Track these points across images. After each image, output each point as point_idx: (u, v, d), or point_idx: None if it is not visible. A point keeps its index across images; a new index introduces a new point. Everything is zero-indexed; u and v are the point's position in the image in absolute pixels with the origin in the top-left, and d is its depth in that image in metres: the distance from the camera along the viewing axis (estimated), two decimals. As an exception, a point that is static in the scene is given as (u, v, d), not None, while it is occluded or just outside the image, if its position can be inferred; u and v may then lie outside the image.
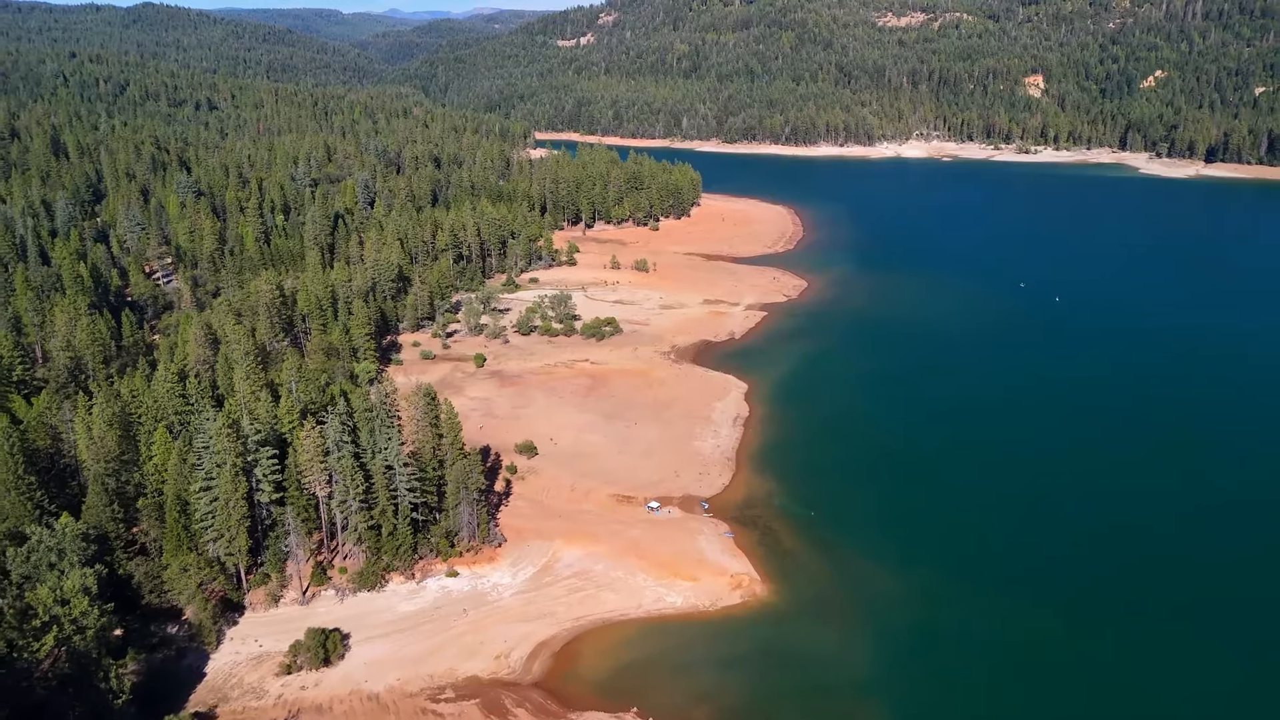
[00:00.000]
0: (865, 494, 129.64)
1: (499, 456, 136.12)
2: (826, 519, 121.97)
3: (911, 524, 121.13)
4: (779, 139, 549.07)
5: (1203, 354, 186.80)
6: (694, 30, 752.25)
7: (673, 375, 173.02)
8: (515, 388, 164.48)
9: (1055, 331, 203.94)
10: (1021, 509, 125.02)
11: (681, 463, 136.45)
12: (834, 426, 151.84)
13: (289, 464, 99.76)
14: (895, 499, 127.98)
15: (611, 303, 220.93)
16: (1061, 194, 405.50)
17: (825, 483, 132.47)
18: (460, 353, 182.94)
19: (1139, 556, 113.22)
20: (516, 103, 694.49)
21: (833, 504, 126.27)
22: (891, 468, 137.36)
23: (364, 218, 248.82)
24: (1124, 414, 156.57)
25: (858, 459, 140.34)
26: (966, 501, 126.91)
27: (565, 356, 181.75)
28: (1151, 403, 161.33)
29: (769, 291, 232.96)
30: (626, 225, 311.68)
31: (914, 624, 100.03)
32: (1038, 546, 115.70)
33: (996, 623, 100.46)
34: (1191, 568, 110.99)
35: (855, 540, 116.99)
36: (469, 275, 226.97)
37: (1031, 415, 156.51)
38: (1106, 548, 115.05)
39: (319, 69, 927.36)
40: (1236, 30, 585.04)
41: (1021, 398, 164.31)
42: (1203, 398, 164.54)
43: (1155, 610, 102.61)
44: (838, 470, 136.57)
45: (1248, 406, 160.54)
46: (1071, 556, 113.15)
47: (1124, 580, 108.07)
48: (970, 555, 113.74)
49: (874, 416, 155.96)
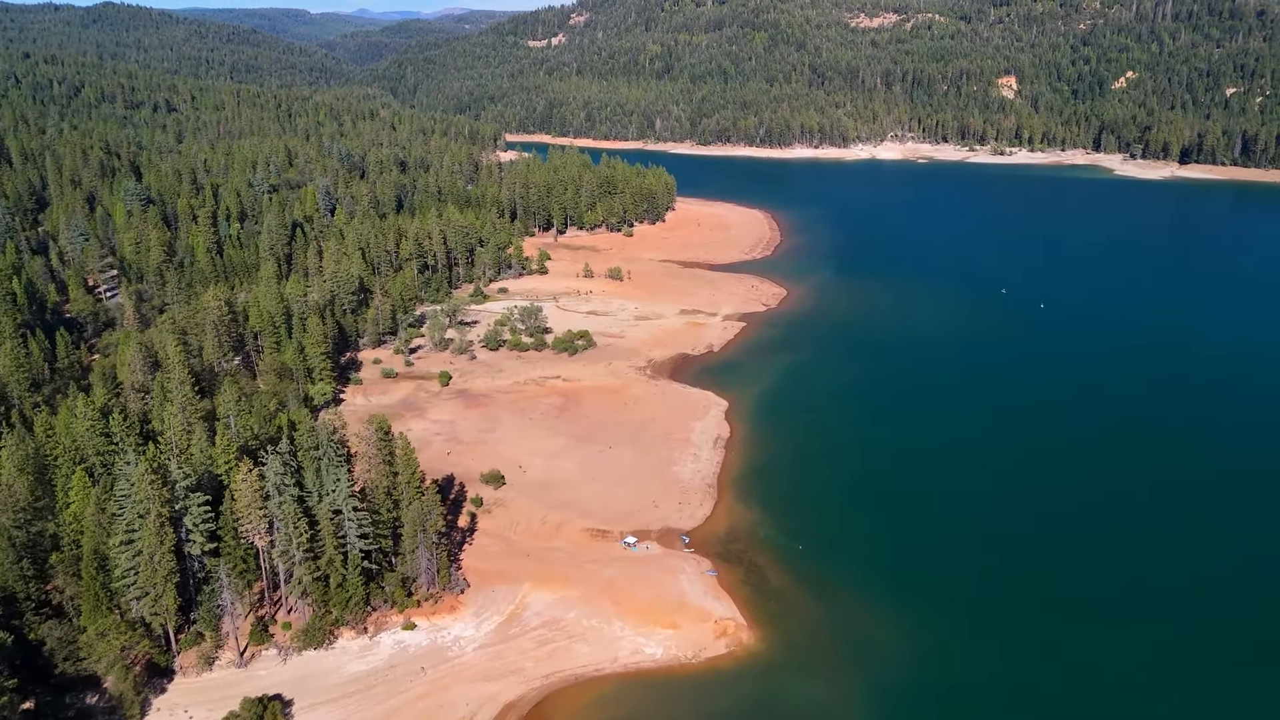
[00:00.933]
0: (854, 521, 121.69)
1: (463, 487, 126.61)
2: (815, 551, 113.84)
3: (904, 555, 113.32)
4: (753, 141, 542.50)
5: (1200, 364, 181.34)
6: (666, 31, 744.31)
7: (649, 392, 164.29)
8: (482, 409, 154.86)
9: (1042, 341, 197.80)
10: (1020, 535, 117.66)
11: (660, 490, 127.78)
12: (819, 446, 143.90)
13: (225, 510, 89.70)
14: (886, 526, 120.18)
15: (584, 314, 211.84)
16: (1038, 196, 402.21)
17: (812, 510, 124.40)
18: (424, 370, 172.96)
19: (1155, 593, 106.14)
20: (487, 104, 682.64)
21: (821, 534, 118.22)
22: (880, 491, 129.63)
23: (324, 226, 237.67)
24: (1120, 426, 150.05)
25: (845, 482, 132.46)
26: (960, 528, 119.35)
27: (535, 373, 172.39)
28: (1151, 414, 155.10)
29: (747, 300, 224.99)
30: (600, 231, 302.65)
31: (911, 674, 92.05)
32: (1039, 578, 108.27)
33: (1000, 670, 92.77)
34: (1216, 619, 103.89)
35: (846, 575, 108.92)
36: (434, 286, 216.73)
37: (1023, 431, 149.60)
38: (1120, 582, 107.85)
39: (284, 70, 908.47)
40: (1206, 31, 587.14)
41: (1011, 413, 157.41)
42: (1208, 415, 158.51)
43: (1179, 660, 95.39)
44: (824, 495, 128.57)
45: (1255, 423, 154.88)
46: (1078, 593, 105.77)
47: (1142, 622, 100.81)
48: (968, 591, 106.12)
49: (860, 434, 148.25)
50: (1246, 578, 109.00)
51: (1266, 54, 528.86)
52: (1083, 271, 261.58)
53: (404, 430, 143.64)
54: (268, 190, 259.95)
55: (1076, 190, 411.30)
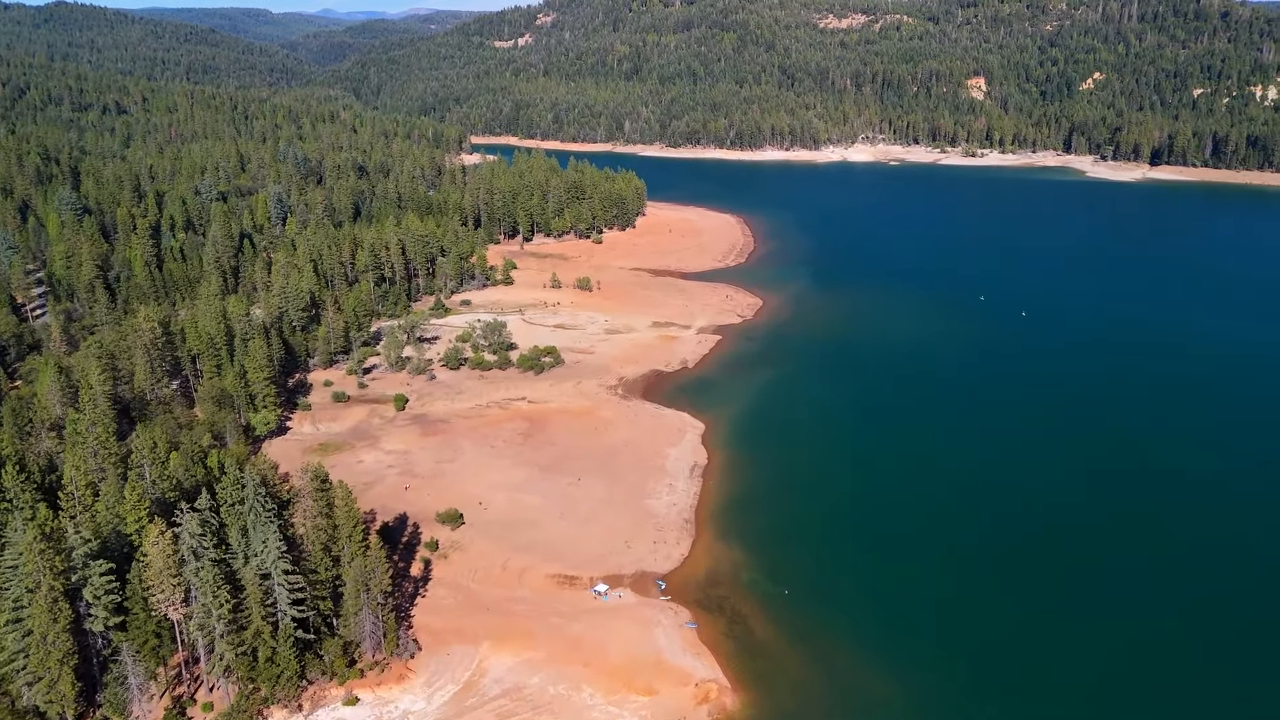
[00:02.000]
0: (844, 559, 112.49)
1: (417, 529, 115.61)
2: (802, 596, 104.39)
3: (899, 598, 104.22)
4: (724, 143, 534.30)
5: (1195, 370, 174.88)
6: (634, 31, 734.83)
7: (621, 414, 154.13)
8: (440, 436, 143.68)
9: (1028, 353, 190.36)
10: (1023, 573, 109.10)
11: (633, 527, 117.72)
12: (802, 473, 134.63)
13: (133, 577, 78.23)
14: (877, 564, 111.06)
15: (552, 327, 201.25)
16: (1011, 199, 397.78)
17: (797, 546, 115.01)
18: (379, 393, 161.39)
19: (1178, 648, 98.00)
20: (452, 106, 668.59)
21: (808, 575, 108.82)
22: (868, 523, 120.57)
23: (274, 236, 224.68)
24: (1120, 445, 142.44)
25: (831, 513, 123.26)
26: (957, 562, 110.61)
27: (499, 395, 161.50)
28: (1152, 431, 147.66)
29: (722, 311, 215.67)
30: (568, 238, 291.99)
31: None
32: (1047, 626, 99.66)
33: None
34: (1240, 678, 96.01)
35: (837, 625, 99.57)
36: (392, 300, 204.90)
37: (1015, 454, 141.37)
38: (1140, 638, 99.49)
39: (243, 70, 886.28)
40: (1171, 33, 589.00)
41: (1001, 433, 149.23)
42: (1211, 428, 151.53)
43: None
44: (810, 529, 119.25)
45: (1251, 438, 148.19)
46: (1093, 649, 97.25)
47: (1164, 679, 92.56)
48: (967, 637, 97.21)
49: (845, 460, 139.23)
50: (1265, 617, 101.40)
51: (1232, 55, 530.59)
52: (1061, 277, 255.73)
53: (356, 462, 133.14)
54: (216, 198, 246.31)
55: (1049, 193, 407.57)
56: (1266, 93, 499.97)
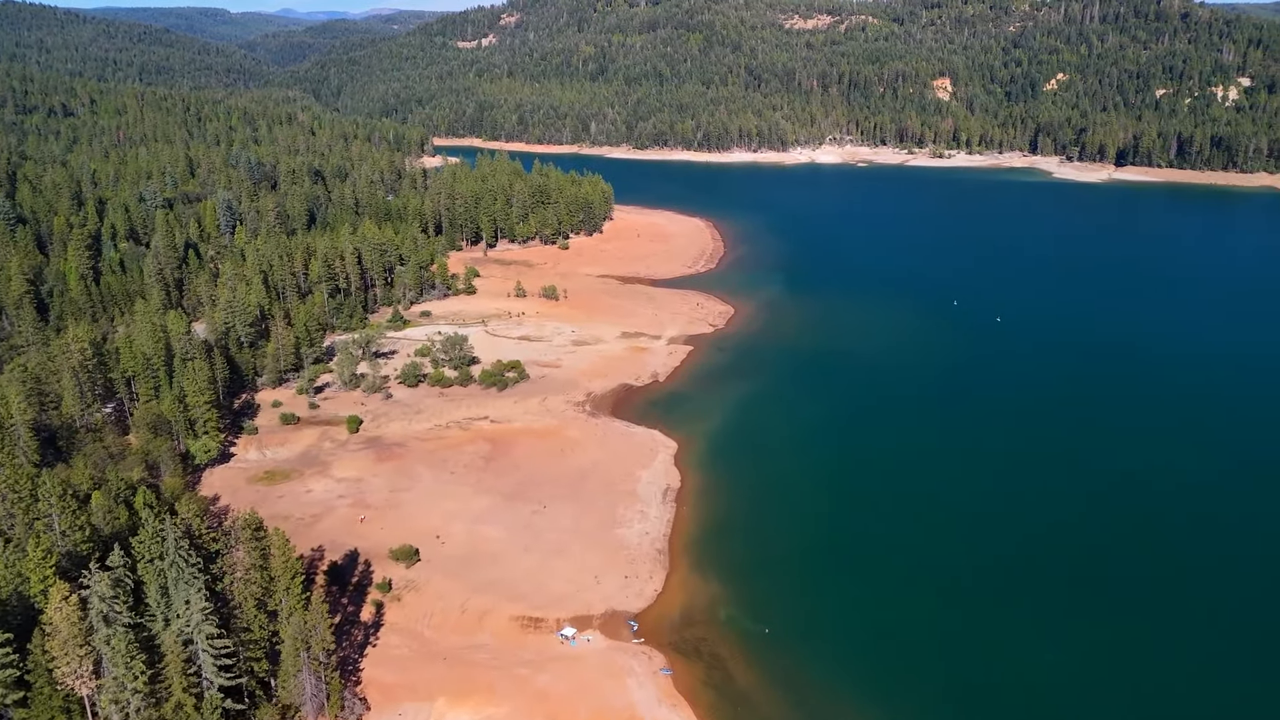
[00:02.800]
0: (826, 591, 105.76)
1: (369, 567, 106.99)
2: (785, 635, 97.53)
3: (885, 633, 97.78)
4: (691, 145, 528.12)
5: (1183, 373, 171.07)
6: (599, 32, 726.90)
7: (589, 433, 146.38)
8: (396, 461, 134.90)
9: (1006, 361, 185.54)
10: (1017, 601, 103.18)
11: (603, 560, 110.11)
12: (780, 496, 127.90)
13: (35, 647, 69.11)
14: (862, 596, 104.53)
15: (516, 339, 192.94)
16: (979, 200, 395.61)
17: (777, 578, 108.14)
18: (331, 413, 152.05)
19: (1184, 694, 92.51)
20: (414, 107, 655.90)
21: (790, 610, 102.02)
22: (851, 550, 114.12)
23: (222, 246, 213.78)
24: (1111, 460, 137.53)
25: (811, 540, 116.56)
26: (945, 592, 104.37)
27: (459, 414, 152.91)
28: (1141, 442, 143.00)
29: (693, 320, 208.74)
30: (533, 244, 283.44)
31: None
32: (1043, 657, 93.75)
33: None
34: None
35: (822, 666, 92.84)
36: (347, 312, 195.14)
37: (1000, 471, 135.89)
38: (1141, 664, 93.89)
39: (199, 71, 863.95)
40: (1132, 33, 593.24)
41: (986, 449, 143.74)
42: (1192, 434, 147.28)
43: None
44: (790, 558, 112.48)
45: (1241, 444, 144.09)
46: (1089, 681, 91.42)
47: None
48: (963, 680, 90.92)
49: (824, 480, 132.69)
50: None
51: (1193, 55, 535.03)
52: (1032, 280, 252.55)
53: (304, 492, 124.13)
54: (161, 205, 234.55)
55: (1017, 194, 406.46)
56: (1228, 93, 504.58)
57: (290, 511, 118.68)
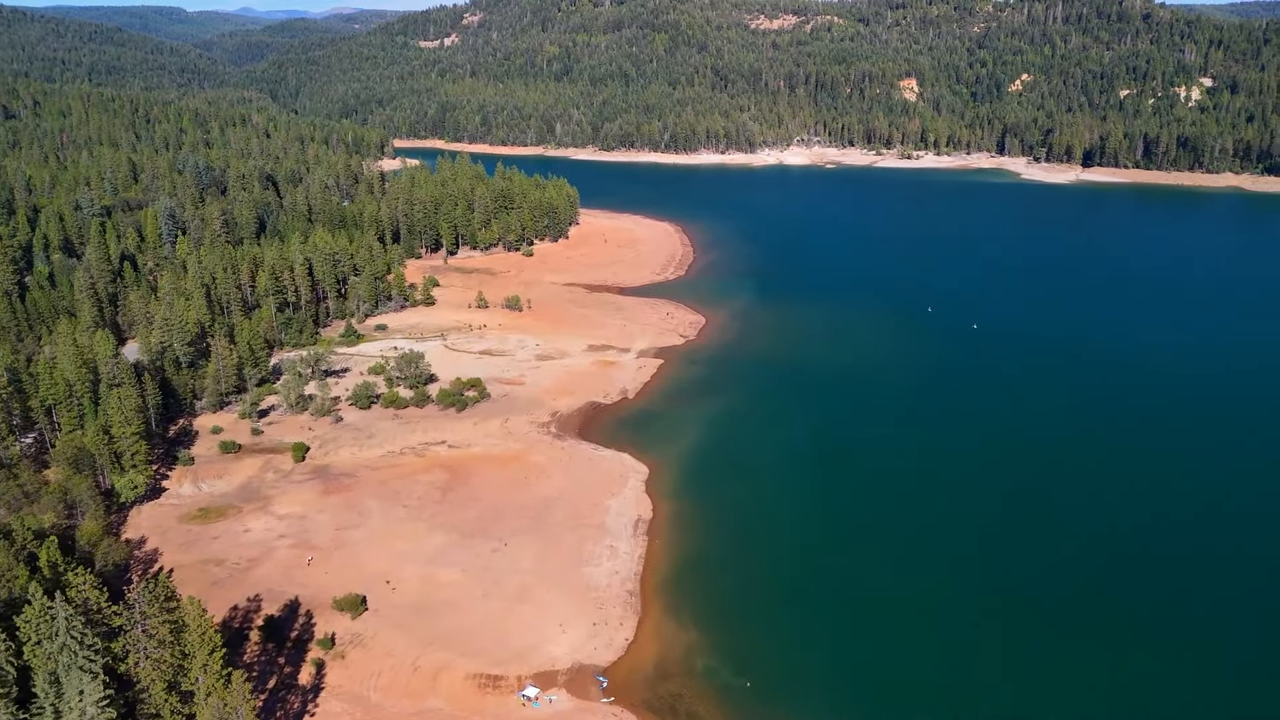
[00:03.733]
0: (814, 637, 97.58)
1: (310, 620, 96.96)
2: (768, 687, 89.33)
3: (878, 683, 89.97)
4: (658, 146, 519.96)
5: (1169, 383, 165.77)
6: (564, 31, 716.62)
7: (555, 459, 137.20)
8: (344, 494, 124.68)
9: (985, 371, 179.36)
10: (1024, 643, 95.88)
11: (569, 605, 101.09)
12: (758, 526, 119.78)
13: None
14: (850, 640, 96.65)
15: (477, 354, 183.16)
16: (949, 202, 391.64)
17: (759, 623, 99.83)
18: (275, 440, 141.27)
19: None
20: (375, 108, 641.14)
21: (772, 659, 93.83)
22: (837, 587, 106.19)
23: (162, 257, 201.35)
24: (1102, 476, 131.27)
25: (794, 577, 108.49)
26: (942, 637, 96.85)
27: (415, 438, 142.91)
28: (1135, 458, 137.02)
29: (663, 331, 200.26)
30: (496, 251, 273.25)
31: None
32: (1055, 707, 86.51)
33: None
34: None
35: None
36: (296, 327, 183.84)
37: (994, 489, 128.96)
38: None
39: (152, 71, 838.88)
40: (1095, 34, 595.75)
41: (974, 467, 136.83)
42: (1184, 445, 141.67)
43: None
44: (771, 598, 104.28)
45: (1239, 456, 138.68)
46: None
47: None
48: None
49: (804, 507, 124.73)
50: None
51: (1156, 56, 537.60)
52: (1004, 284, 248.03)
53: (241, 531, 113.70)
54: (99, 213, 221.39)
55: (986, 195, 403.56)
56: (1190, 93, 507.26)
57: (225, 555, 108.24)
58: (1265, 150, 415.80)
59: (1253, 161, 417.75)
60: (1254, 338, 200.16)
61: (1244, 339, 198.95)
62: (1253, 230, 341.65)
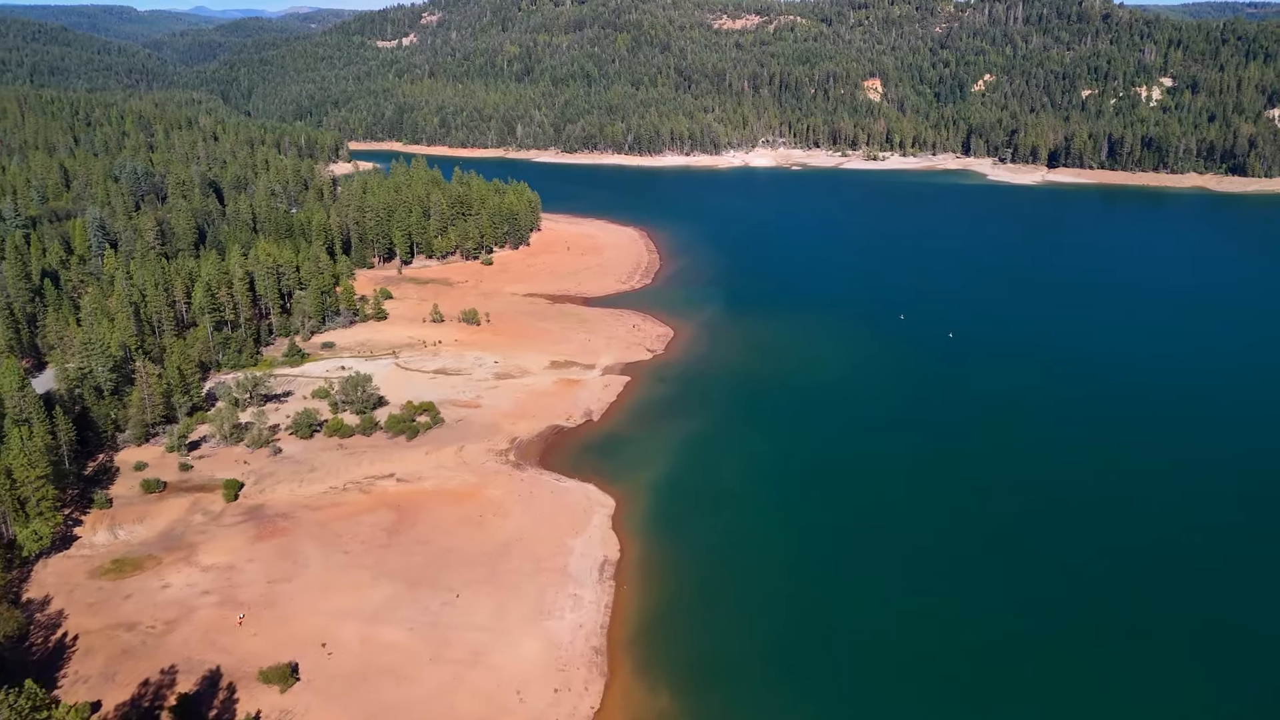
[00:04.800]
0: (801, 700, 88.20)
1: (231, 695, 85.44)
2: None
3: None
4: (622, 148, 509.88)
5: (1156, 391, 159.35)
6: (524, 31, 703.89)
7: (513, 491, 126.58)
8: (279, 539, 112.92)
9: (963, 383, 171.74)
10: (1037, 701, 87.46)
11: (528, 667, 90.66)
12: (736, 567, 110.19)
13: None
14: (847, 708, 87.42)
15: (431, 374, 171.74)
16: (917, 204, 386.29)
17: (739, 685, 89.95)
18: (206, 476, 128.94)
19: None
20: (330, 109, 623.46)
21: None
22: (828, 638, 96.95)
23: (88, 274, 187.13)
24: (1104, 492, 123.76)
25: (777, 626, 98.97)
26: (946, 693, 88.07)
27: (360, 471, 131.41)
28: (1129, 480, 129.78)
29: (630, 346, 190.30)
30: (453, 260, 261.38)
31: None
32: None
33: None
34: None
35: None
36: (235, 347, 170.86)
37: (986, 516, 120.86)
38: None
39: (97, 72, 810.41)
40: (1056, 34, 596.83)
41: (965, 492, 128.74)
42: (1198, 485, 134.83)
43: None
44: (754, 654, 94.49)
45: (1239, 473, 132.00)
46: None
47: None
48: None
49: (786, 544, 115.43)
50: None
51: (1116, 56, 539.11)
52: (976, 289, 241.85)
53: (159, 588, 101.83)
54: (22, 225, 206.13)
55: (953, 197, 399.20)
56: (1151, 93, 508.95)
57: (138, 617, 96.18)
58: (1229, 150, 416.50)
59: (1216, 161, 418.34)
60: (1245, 342, 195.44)
61: (1232, 342, 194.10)
62: (1225, 231, 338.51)
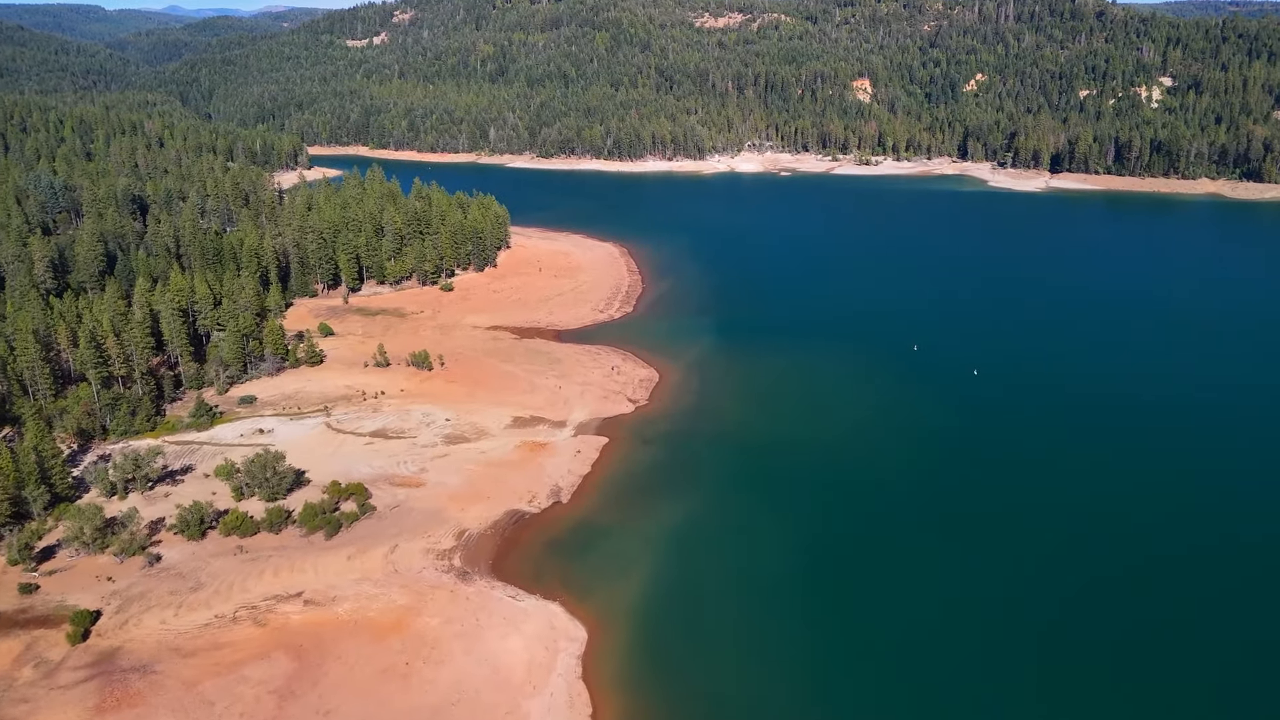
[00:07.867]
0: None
1: None
2: None
3: None
4: (601, 153, 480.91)
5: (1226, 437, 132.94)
6: (499, 30, 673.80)
7: (454, 620, 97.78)
8: (129, 710, 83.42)
9: (1001, 436, 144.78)
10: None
11: None
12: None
13: None
14: None
15: (368, 437, 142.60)
16: (916, 213, 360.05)
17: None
18: (55, 600, 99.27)
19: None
20: (293, 111, 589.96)
21: None
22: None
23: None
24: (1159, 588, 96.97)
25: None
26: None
27: (258, 589, 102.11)
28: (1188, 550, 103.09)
29: (608, 394, 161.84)
30: (408, 285, 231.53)
31: None
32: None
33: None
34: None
35: None
36: (126, 408, 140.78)
37: (1037, 643, 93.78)
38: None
39: (50, 73, 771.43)
40: (1049, 33, 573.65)
41: (1019, 606, 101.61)
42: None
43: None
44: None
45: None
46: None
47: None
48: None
49: (805, 698, 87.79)
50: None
51: (1114, 55, 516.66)
52: (997, 312, 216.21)
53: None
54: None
55: (954, 204, 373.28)
56: (1151, 93, 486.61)
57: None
58: (1242, 154, 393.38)
59: (1229, 166, 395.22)
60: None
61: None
62: (1247, 242, 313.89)
